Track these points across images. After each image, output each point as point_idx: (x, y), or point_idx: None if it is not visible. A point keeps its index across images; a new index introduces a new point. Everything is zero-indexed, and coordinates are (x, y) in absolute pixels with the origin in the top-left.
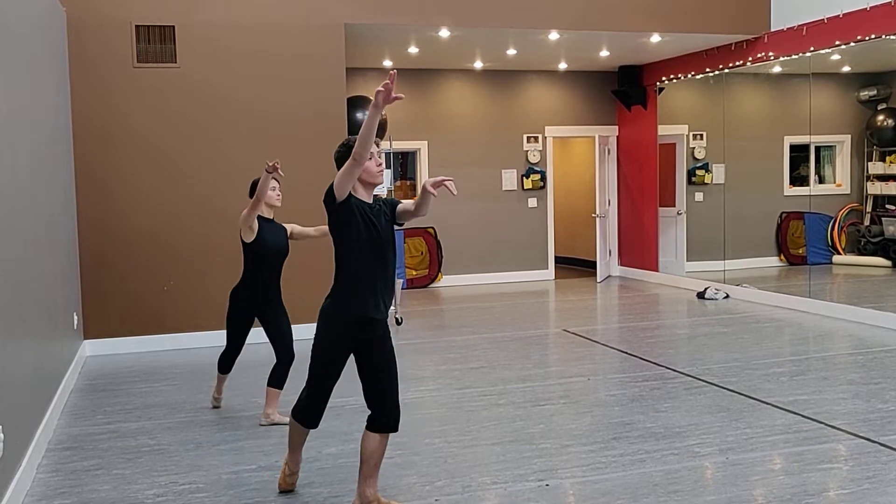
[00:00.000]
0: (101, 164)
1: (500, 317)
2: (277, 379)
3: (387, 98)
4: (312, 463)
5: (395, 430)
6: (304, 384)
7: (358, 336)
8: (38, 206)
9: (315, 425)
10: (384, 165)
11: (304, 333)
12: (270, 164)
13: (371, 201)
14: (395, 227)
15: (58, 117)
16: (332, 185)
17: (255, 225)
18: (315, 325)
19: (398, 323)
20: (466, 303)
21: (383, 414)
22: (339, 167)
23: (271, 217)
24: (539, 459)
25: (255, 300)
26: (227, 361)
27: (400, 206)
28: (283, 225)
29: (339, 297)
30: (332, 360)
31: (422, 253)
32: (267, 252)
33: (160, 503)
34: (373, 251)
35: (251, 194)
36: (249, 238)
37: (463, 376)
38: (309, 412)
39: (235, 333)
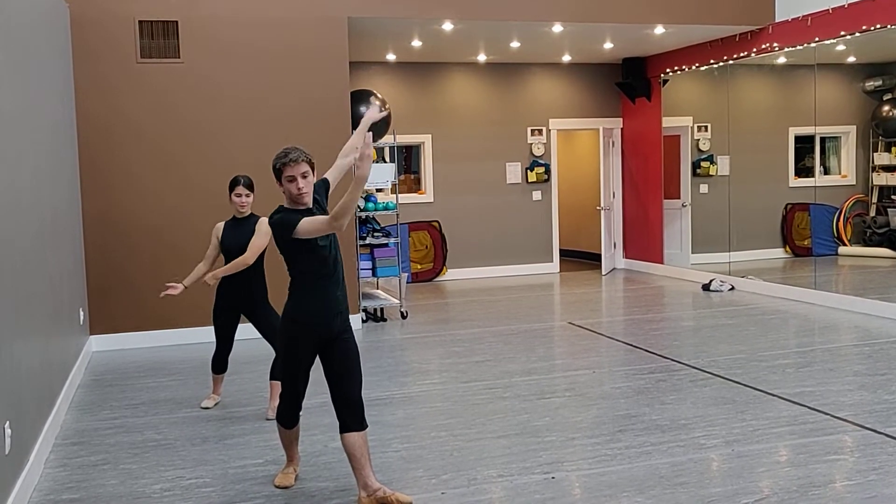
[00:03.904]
0: (105, 159)
1: (505, 310)
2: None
3: None
4: (319, 457)
5: (362, 428)
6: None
7: (318, 335)
8: (42, 202)
9: (291, 426)
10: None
11: None
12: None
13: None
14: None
15: (61, 113)
16: (279, 220)
17: (220, 233)
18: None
19: (403, 317)
20: (471, 296)
21: (347, 415)
22: (277, 178)
23: (241, 218)
24: (545, 452)
25: (235, 297)
26: (219, 361)
27: (330, 177)
28: (260, 218)
29: (294, 298)
30: (297, 361)
31: (426, 247)
32: (229, 253)
33: (167, 498)
34: (324, 253)
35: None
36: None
37: (468, 370)
38: (283, 413)
39: (222, 331)
